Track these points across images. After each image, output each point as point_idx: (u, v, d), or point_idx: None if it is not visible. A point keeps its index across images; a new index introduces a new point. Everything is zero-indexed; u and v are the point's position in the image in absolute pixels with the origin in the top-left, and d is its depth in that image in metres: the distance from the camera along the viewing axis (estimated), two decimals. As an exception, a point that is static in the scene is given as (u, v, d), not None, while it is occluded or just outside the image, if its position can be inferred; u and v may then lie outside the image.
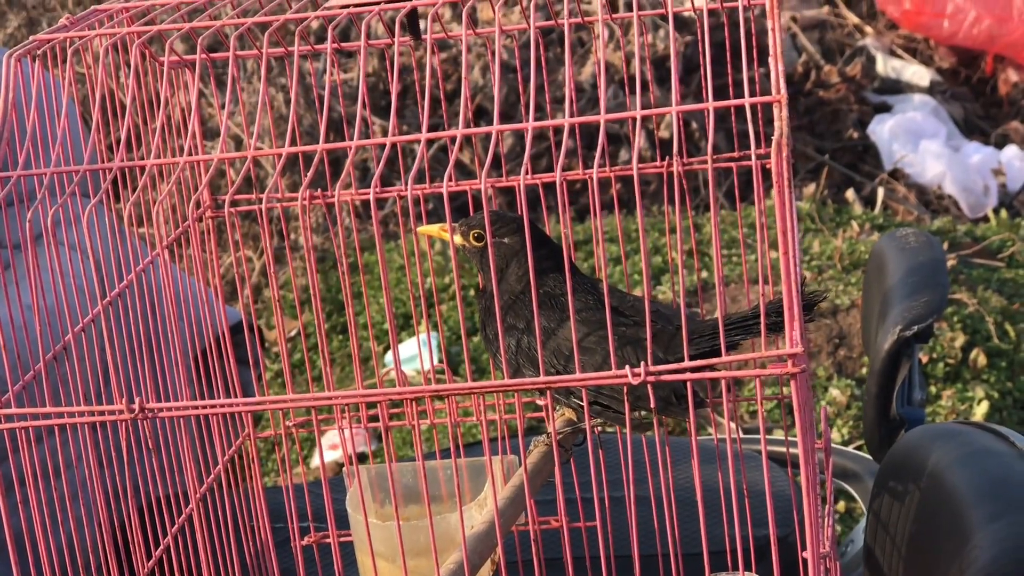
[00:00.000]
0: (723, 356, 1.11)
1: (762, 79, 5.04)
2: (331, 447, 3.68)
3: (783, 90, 1.08)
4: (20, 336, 1.28)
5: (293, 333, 4.22)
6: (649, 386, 1.12)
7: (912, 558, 1.55)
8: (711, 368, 1.12)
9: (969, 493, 1.48)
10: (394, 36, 1.28)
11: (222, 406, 1.21)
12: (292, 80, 1.21)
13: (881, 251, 2.18)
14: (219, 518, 1.57)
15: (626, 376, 1.12)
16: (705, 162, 1.46)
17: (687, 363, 1.10)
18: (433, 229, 1.49)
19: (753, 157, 1.08)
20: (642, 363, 1.12)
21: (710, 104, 1.11)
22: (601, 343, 1.37)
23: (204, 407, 1.19)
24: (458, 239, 1.48)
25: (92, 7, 1.41)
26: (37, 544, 1.29)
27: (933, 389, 3.62)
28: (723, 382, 1.11)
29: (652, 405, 1.14)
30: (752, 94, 1.15)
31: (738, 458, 1.50)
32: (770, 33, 1.09)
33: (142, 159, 1.28)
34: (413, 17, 1.39)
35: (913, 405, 2.05)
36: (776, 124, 1.05)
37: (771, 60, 1.10)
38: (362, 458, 3.67)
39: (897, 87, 5.29)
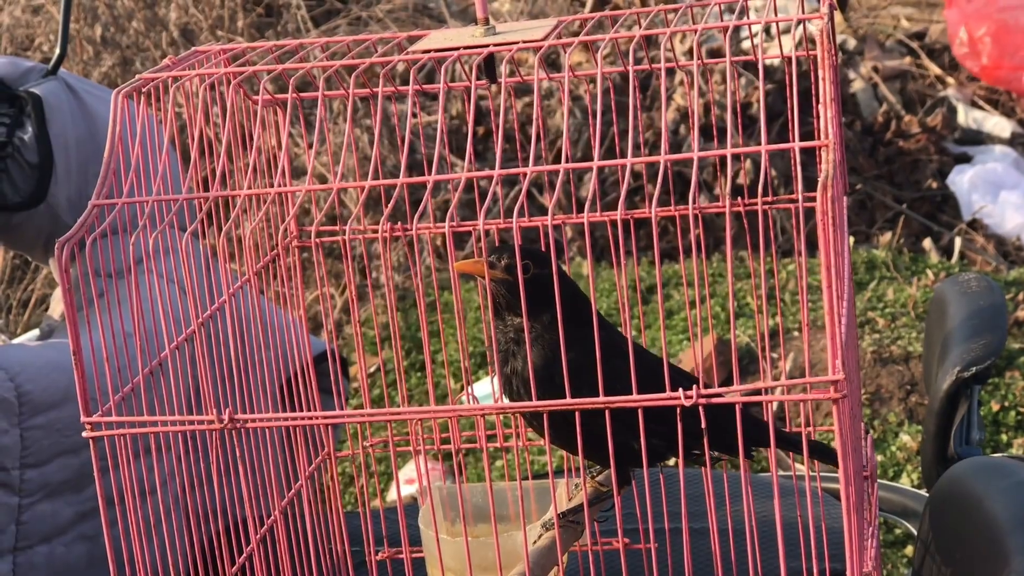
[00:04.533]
0: (767, 380, 1.19)
1: (846, 128, 5.05)
2: (408, 481, 3.75)
3: (831, 135, 1.15)
4: (112, 361, 1.37)
5: (373, 369, 4.32)
6: (701, 408, 1.20)
7: (955, 583, 1.61)
8: (758, 392, 1.19)
9: (1009, 521, 1.54)
10: (472, 79, 1.37)
11: (304, 418, 1.30)
12: (376, 118, 1.30)
13: (943, 294, 2.23)
14: (299, 534, 1.65)
15: (679, 398, 1.20)
16: (764, 203, 1.53)
17: (736, 387, 1.18)
18: (468, 264, 1.46)
19: (800, 199, 1.16)
20: (694, 386, 1.19)
21: (764, 147, 1.18)
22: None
23: (287, 419, 1.29)
24: (494, 273, 1.45)
25: (192, 48, 1.51)
26: (134, 556, 1.38)
27: (1004, 437, 3.63)
28: (766, 406, 1.17)
29: (703, 426, 1.21)
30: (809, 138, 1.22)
31: (800, 493, 1.57)
32: (820, 82, 1.17)
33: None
34: (490, 61, 1.48)
35: (971, 444, 2.10)
36: (824, 167, 1.13)
37: (820, 107, 1.18)
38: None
39: (978, 138, 5.31)
